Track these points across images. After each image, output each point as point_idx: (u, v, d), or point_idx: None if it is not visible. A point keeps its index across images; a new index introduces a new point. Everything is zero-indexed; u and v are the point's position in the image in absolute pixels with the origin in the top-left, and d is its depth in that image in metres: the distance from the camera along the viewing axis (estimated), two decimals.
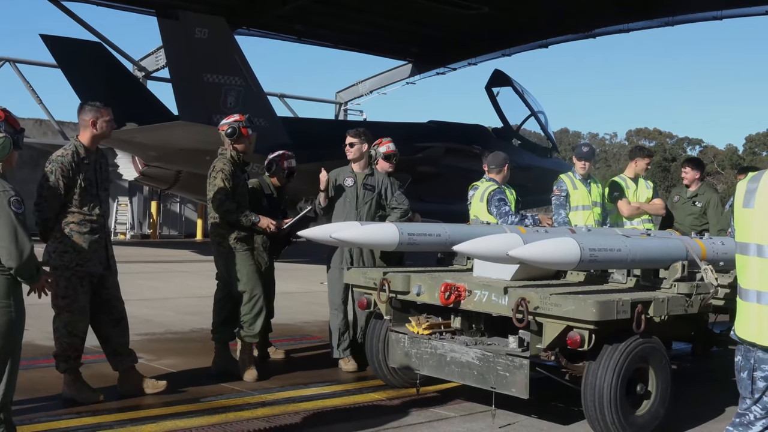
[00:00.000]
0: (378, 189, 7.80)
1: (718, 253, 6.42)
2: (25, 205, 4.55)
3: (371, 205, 7.76)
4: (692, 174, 10.04)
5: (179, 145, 18.05)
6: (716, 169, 78.64)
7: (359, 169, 7.85)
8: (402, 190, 8.03)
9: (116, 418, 5.79)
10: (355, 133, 7.87)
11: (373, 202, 7.77)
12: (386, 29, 27.87)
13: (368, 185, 7.80)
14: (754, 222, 3.81)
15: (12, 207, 4.39)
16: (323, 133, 19.87)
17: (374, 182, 7.82)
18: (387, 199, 7.83)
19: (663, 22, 26.02)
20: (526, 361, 5.62)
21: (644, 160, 9.40)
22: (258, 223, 7.21)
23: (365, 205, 7.75)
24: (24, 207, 4.52)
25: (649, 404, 5.83)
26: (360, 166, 7.85)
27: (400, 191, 7.92)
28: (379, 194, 7.81)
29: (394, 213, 7.77)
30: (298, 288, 12.89)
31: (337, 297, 7.68)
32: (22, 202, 4.48)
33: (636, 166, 9.38)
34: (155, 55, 27.39)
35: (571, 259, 5.23)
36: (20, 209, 4.44)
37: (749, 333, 3.83)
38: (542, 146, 26.02)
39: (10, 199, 4.40)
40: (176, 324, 9.90)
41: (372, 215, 7.72)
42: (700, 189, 10.02)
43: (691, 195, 9.99)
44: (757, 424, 3.88)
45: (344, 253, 7.67)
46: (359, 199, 7.76)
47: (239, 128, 7.31)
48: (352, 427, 5.82)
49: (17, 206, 4.42)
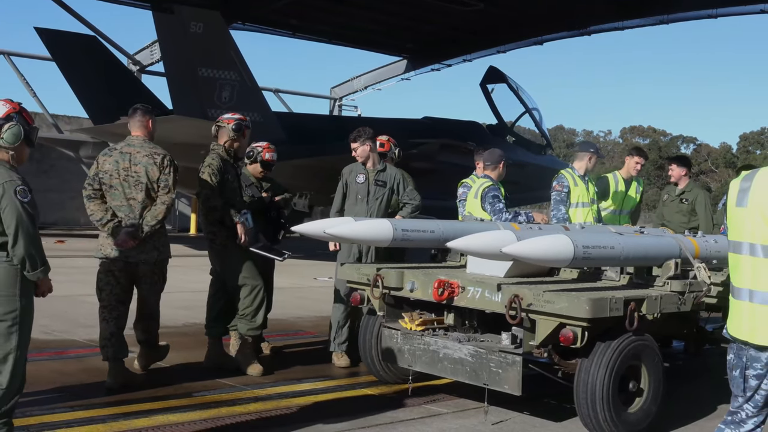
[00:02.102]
0: (390, 185, 7.84)
1: (711, 251, 6.44)
2: (32, 195, 4.55)
3: (382, 201, 7.81)
4: (678, 171, 10.07)
5: (173, 140, 17.93)
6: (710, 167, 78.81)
7: (371, 165, 7.90)
8: (413, 184, 8.08)
9: (109, 412, 5.78)
10: (354, 136, 7.89)
11: (384, 198, 7.82)
12: (381, 25, 27.84)
13: (380, 181, 7.84)
14: (746, 221, 3.82)
15: (18, 196, 4.40)
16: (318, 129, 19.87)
17: (386, 178, 7.86)
18: (399, 195, 7.91)
19: (658, 20, 26.05)
20: (518, 357, 5.63)
21: (633, 158, 9.53)
22: (237, 224, 7.09)
23: (376, 200, 7.80)
24: (31, 196, 4.52)
25: (642, 402, 5.84)
26: (371, 163, 7.88)
27: (412, 187, 8.02)
28: (391, 190, 7.85)
29: (405, 208, 7.87)
30: (291, 283, 12.88)
31: (342, 291, 7.69)
32: (28, 191, 4.49)
33: (628, 165, 9.54)
34: (150, 49, 27.31)
35: (564, 256, 5.24)
36: (26, 198, 4.45)
37: (741, 331, 3.85)
38: (536, 143, 26.03)
39: (16, 188, 4.41)
40: (169, 318, 9.85)
41: (383, 211, 7.76)
42: (687, 186, 10.06)
43: (678, 193, 10.03)
44: (749, 422, 3.90)
45: (353, 249, 7.70)
46: (370, 195, 7.80)
47: (244, 127, 7.32)
48: (345, 422, 5.82)
49: (23, 195, 4.43)
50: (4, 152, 4.51)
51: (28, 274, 4.46)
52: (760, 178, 3.82)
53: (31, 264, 4.45)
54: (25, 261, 4.43)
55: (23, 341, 4.50)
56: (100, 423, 5.51)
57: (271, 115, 19.48)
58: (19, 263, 4.42)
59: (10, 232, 4.38)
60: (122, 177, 6.54)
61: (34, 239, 4.46)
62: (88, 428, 5.39)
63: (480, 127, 25.20)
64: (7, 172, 4.46)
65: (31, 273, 4.47)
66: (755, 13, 24.45)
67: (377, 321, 6.80)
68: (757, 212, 3.77)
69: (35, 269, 4.48)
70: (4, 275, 4.42)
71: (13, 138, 4.50)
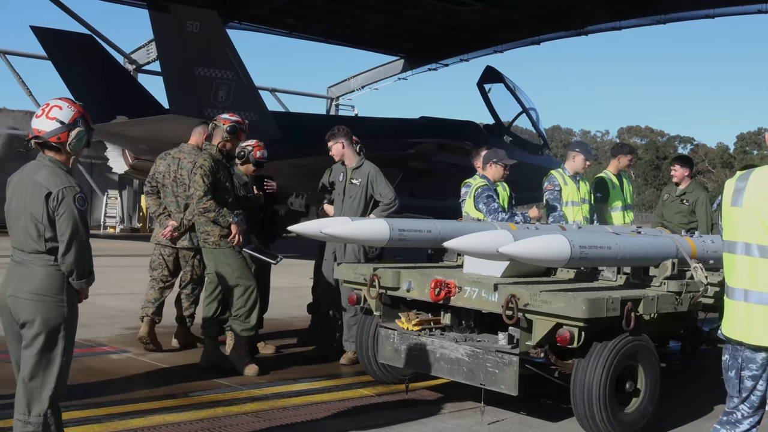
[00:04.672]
0: (364, 182, 7.82)
1: (708, 251, 6.43)
2: (88, 203, 4.44)
3: (355, 199, 7.79)
4: (681, 172, 10.07)
5: (170, 139, 17.92)
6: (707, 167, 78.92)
7: (349, 163, 7.90)
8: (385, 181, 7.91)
9: (105, 411, 5.76)
10: (328, 136, 7.99)
11: (358, 196, 7.80)
12: (378, 25, 27.84)
13: (353, 179, 7.85)
14: (741, 220, 3.82)
15: (77, 204, 4.27)
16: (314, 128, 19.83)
17: (360, 175, 7.84)
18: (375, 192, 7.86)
19: (655, 20, 26.09)
20: (515, 358, 5.62)
21: (626, 156, 9.55)
22: (230, 224, 7.11)
23: (350, 199, 7.81)
24: (87, 204, 4.41)
25: (638, 402, 5.84)
26: (348, 161, 7.90)
27: (383, 183, 7.84)
28: (365, 187, 7.82)
29: (379, 207, 7.78)
30: (288, 283, 12.86)
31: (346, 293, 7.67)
32: (85, 199, 4.37)
33: (618, 162, 9.54)
34: (146, 48, 27.32)
35: (561, 256, 5.23)
36: (84, 207, 4.33)
37: (736, 332, 3.84)
38: (534, 143, 26.05)
39: (75, 195, 4.28)
40: (166, 318, 9.86)
41: (356, 209, 7.73)
42: (689, 187, 10.06)
43: (679, 193, 10.03)
44: (744, 423, 3.90)
45: (360, 251, 7.72)
46: (346, 194, 7.83)
47: (239, 130, 7.31)
48: (341, 422, 5.82)
49: (81, 203, 4.30)
50: (66, 156, 4.38)
51: (74, 282, 4.33)
52: (755, 178, 3.82)
53: (78, 273, 4.31)
54: (74, 270, 4.29)
55: (68, 347, 4.38)
56: (95, 423, 5.50)
57: (267, 115, 19.46)
58: (67, 271, 4.29)
59: (64, 240, 4.24)
60: (171, 178, 8.01)
61: (87, 249, 4.35)
62: (84, 428, 5.37)
63: (477, 127, 25.20)
64: (67, 177, 4.33)
65: (77, 282, 4.34)
66: (753, 13, 24.51)
67: (374, 321, 6.79)
68: (752, 212, 3.77)
69: (81, 278, 4.34)
70: (54, 280, 4.29)
71: (80, 144, 4.38)
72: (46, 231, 4.21)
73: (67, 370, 4.36)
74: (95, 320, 9.24)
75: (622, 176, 9.60)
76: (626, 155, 9.53)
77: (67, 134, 4.29)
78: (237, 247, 7.16)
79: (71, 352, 4.39)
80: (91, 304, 6.65)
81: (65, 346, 4.32)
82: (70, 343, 4.37)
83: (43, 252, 4.23)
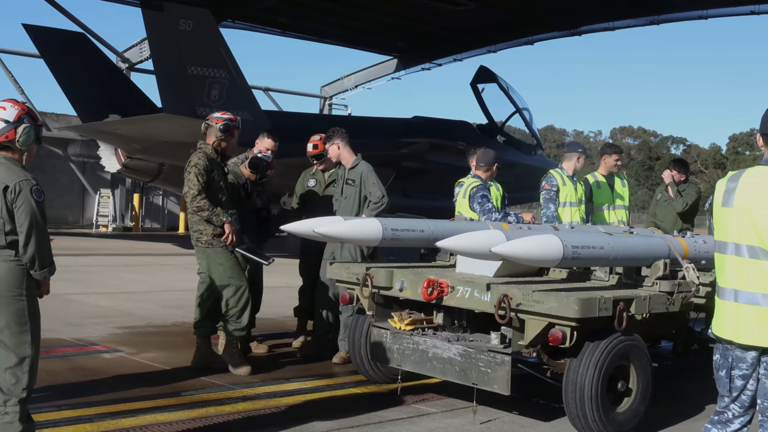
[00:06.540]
0: (358, 182, 7.82)
1: (700, 251, 6.46)
2: (44, 195, 4.59)
3: (350, 199, 7.79)
4: (678, 177, 10.19)
5: (163, 138, 17.95)
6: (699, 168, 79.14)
7: (346, 164, 7.93)
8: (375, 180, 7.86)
9: (96, 411, 5.75)
10: (324, 139, 8.11)
11: (353, 196, 7.80)
12: (372, 24, 27.83)
13: (350, 179, 7.84)
14: (732, 221, 3.84)
15: (34, 195, 4.45)
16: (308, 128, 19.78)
17: (355, 175, 7.84)
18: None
19: (648, 21, 26.16)
20: (507, 357, 5.63)
21: (611, 156, 9.53)
22: (224, 224, 7.10)
23: (345, 199, 7.81)
24: (44, 196, 4.57)
25: (630, 401, 5.85)
26: (345, 162, 7.92)
27: (374, 182, 7.79)
28: (360, 187, 7.82)
29: (369, 206, 7.76)
30: (280, 282, 12.84)
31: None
32: (42, 191, 4.54)
33: (605, 162, 9.52)
34: (139, 46, 27.24)
35: (553, 256, 5.24)
36: (41, 198, 4.51)
37: (726, 331, 3.85)
38: (527, 143, 26.06)
39: (32, 187, 4.45)
40: (158, 317, 9.85)
41: (350, 209, 7.73)
42: (681, 187, 10.11)
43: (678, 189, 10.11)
44: (735, 422, 3.92)
45: (356, 251, 7.71)
46: (342, 195, 7.85)
47: (233, 128, 7.30)
48: (334, 422, 5.81)
49: (38, 195, 4.48)
50: (18, 153, 4.57)
51: (34, 273, 4.49)
52: (745, 179, 3.83)
53: (40, 263, 4.48)
54: (35, 260, 4.45)
55: (35, 338, 4.55)
56: (87, 422, 5.49)
57: (260, 114, 19.42)
58: (28, 262, 4.44)
59: (23, 231, 4.41)
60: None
61: (45, 239, 4.51)
62: (75, 428, 5.37)
63: (470, 127, 25.21)
64: (23, 171, 4.51)
65: (38, 272, 4.50)
66: (745, 14, 24.61)
67: (366, 320, 6.79)
68: (742, 212, 3.78)
69: (43, 268, 4.51)
70: (11, 274, 4.43)
71: (29, 140, 4.56)
72: (5, 224, 4.38)
73: (36, 360, 4.53)
74: (87, 319, 9.20)
75: (614, 177, 9.58)
76: (611, 155, 9.51)
77: (14, 131, 4.48)
78: (230, 247, 7.16)
79: (38, 343, 4.57)
80: (83, 303, 6.66)
81: (32, 337, 4.50)
82: (37, 334, 4.55)
83: (4, 246, 4.40)
